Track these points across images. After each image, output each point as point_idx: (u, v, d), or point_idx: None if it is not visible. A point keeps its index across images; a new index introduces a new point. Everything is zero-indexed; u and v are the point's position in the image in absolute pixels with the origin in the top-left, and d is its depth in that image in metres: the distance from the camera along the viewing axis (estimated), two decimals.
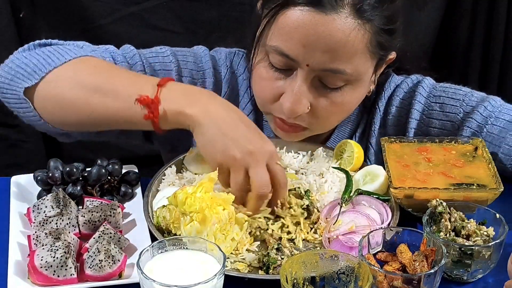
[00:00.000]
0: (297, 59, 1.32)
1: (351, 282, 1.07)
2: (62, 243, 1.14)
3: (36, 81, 1.33)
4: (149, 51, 1.52)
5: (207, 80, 1.53)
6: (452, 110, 1.46)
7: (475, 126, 1.43)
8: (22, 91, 1.33)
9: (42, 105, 1.35)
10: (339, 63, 1.31)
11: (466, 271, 1.16)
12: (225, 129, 1.25)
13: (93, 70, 1.35)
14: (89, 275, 1.13)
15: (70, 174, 1.33)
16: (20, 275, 1.14)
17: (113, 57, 1.46)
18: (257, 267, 1.19)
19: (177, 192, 1.19)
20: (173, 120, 1.28)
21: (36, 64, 1.34)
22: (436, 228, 1.20)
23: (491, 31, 2.19)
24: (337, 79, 1.34)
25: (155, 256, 1.08)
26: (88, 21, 2.10)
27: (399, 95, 1.51)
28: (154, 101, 1.27)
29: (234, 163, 1.23)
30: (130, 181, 1.38)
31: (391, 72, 1.54)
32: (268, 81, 1.38)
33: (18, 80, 1.34)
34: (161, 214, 1.22)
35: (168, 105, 1.27)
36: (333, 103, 1.37)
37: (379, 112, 1.53)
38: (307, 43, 1.29)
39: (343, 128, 1.54)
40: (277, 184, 1.25)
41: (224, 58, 1.56)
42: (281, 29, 1.32)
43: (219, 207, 1.19)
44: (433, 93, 1.48)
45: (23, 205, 1.31)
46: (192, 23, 2.14)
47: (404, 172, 1.33)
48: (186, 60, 1.52)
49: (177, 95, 1.29)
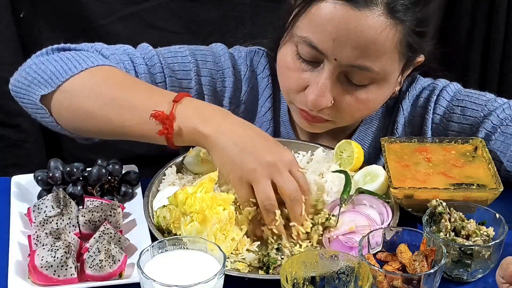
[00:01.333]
0: (325, 52, 1.32)
1: (351, 282, 1.07)
2: (62, 243, 1.14)
3: (53, 89, 1.33)
4: (167, 51, 1.51)
5: (227, 79, 1.53)
6: (473, 114, 1.46)
7: (490, 127, 1.43)
8: (38, 98, 1.34)
9: (58, 112, 1.35)
10: (367, 60, 1.31)
11: (466, 271, 1.16)
12: (241, 145, 1.22)
13: (111, 81, 1.35)
14: (90, 275, 1.13)
15: (70, 174, 1.33)
16: (21, 275, 1.14)
17: (132, 59, 1.46)
18: (257, 267, 1.19)
19: (177, 192, 1.19)
20: (187, 137, 1.27)
21: (53, 72, 1.34)
22: (436, 228, 1.21)
23: (491, 31, 2.19)
24: (363, 77, 1.35)
25: (155, 256, 1.08)
26: (88, 21, 2.09)
27: (424, 96, 1.52)
28: (169, 118, 1.25)
29: (255, 176, 1.20)
30: (130, 181, 1.38)
31: (417, 74, 1.55)
32: (294, 72, 1.39)
33: (35, 87, 1.34)
34: (162, 214, 1.22)
35: (182, 122, 1.26)
36: (357, 100, 1.38)
37: (403, 111, 1.53)
38: (337, 37, 1.30)
39: (368, 125, 1.55)
40: (302, 192, 1.22)
41: (244, 56, 1.56)
42: (313, 20, 1.32)
43: (219, 207, 1.19)
44: (457, 97, 1.49)
45: (23, 205, 1.32)
46: (192, 23, 2.14)
47: (404, 172, 1.33)
48: (205, 60, 1.52)
49: (191, 113, 1.27)
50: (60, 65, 1.35)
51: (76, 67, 1.34)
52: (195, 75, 1.50)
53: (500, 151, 1.40)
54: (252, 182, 1.20)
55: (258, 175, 1.20)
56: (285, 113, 1.58)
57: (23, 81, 1.36)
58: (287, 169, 1.22)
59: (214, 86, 1.53)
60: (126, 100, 1.31)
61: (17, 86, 1.38)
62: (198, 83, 1.51)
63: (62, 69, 1.34)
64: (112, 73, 1.37)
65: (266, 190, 1.19)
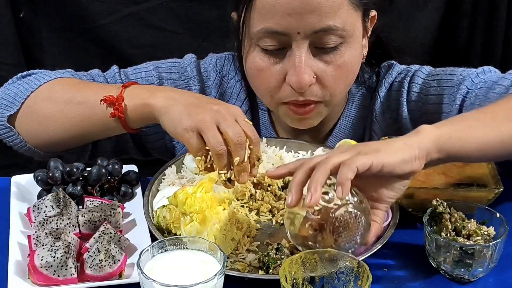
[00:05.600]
0: (287, 31, 1.33)
1: (350, 282, 1.07)
2: (62, 243, 1.14)
3: (17, 108, 1.42)
4: (132, 69, 1.57)
5: (192, 87, 1.56)
6: (449, 83, 1.47)
7: (465, 92, 1.44)
8: (5, 119, 1.42)
9: (25, 128, 1.43)
10: (327, 19, 1.32)
11: (467, 270, 1.16)
12: (189, 102, 1.28)
13: (66, 86, 1.44)
14: (89, 275, 1.13)
15: (70, 174, 1.33)
16: (20, 275, 1.14)
17: (93, 78, 1.53)
18: (257, 267, 1.19)
19: (177, 192, 1.19)
20: (138, 114, 1.33)
21: (16, 93, 1.43)
22: (437, 228, 1.20)
23: (491, 31, 2.18)
24: (331, 36, 1.35)
25: (155, 256, 1.08)
26: (88, 21, 2.09)
27: (398, 80, 1.54)
28: (118, 98, 1.33)
29: (204, 123, 1.23)
30: (130, 181, 1.38)
31: (394, 63, 1.57)
32: (267, 69, 1.39)
33: (1, 110, 1.43)
34: (161, 214, 1.22)
35: (131, 100, 1.33)
36: (335, 67, 1.38)
37: (380, 99, 1.54)
38: (291, 11, 1.31)
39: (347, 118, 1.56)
40: (249, 140, 1.24)
41: (215, 63, 1.59)
42: (262, 9, 1.34)
43: (219, 207, 1.19)
44: (432, 73, 1.51)
45: (23, 205, 1.32)
46: (192, 23, 2.14)
47: None
48: (169, 72, 1.56)
49: (139, 91, 1.35)
50: (22, 86, 1.44)
51: (36, 83, 1.44)
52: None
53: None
54: (201, 130, 1.23)
55: (207, 122, 1.23)
56: (264, 115, 1.59)
57: None
58: (233, 117, 1.25)
59: None
60: (82, 97, 1.39)
61: None
62: None
63: (24, 88, 1.43)
64: (68, 80, 1.47)
65: (215, 135, 1.22)
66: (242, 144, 1.22)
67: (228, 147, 1.22)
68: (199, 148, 1.23)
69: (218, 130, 1.22)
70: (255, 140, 1.25)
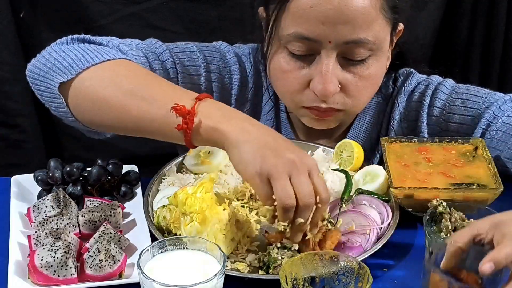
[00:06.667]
0: (318, 38, 1.32)
1: (351, 283, 1.07)
2: (62, 243, 1.14)
3: (72, 76, 1.28)
4: (175, 46, 1.52)
5: (234, 76, 1.54)
6: (474, 105, 1.46)
7: (492, 118, 1.43)
8: (57, 85, 1.29)
9: (75, 102, 1.31)
10: (360, 31, 1.32)
11: None
12: (263, 142, 1.15)
13: (132, 73, 1.31)
14: (90, 275, 1.13)
15: (70, 174, 1.33)
16: (20, 275, 1.14)
17: (146, 55, 1.46)
18: (257, 267, 1.19)
19: (177, 192, 1.19)
20: (207, 135, 1.19)
21: (73, 59, 1.30)
22: (437, 228, 1.20)
23: (491, 31, 2.19)
24: (361, 49, 1.35)
25: (155, 256, 1.08)
26: (88, 21, 2.09)
27: (418, 91, 1.53)
28: (190, 112, 1.19)
29: (275, 170, 1.11)
30: (130, 181, 1.38)
31: (413, 71, 1.56)
32: (292, 72, 1.38)
33: (54, 73, 1.30)
34: (161, 214, 1.22)
35: (203, 119, 1.19)
36: (360, 78, 1.38)
37: (398, 107, 1.53)
38: (325, 19, 1.30)
39: (362, 122, 1.55)
40: (319, 198, 1.14)
41: (248, 54, 1.57)
42: (296, 13, 1.32)
43: (219, 207, 1.19)
44: (456, 90, 1.50)
45: (23, 205, 1.32)
46: (192, 23, 2.14)
47: (404, 172, 1.33)
48: (212, 56, 1.52)
49: (213, 111, 1.21)
50: (81, 54, 1.31)
51: (98, 57, 1.31)
52: (204, 71, 1.50)
53: (502, 141, 1.40)
54: (272, 177, 1.12)
55: (279, 169, 1.12)
56: (283, 113, 1.58)
57: (42, 67, 1.33)
58: (306, 170, 1.14)
59: (222, 83, 1.54)
60: (147, 92, 1.25)
61: (34, 72, 1.34)
62: (207, 80, 1.51)
63: (84, 57, 1.30)
64: (133, 66, 1.35)
65: (285, 188, 1.11)
66: (310, 206, 1.12)
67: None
68: (269, 196, 1.13)
69: (289, 181, 1.12)
70: (325, 199, 1.15)
